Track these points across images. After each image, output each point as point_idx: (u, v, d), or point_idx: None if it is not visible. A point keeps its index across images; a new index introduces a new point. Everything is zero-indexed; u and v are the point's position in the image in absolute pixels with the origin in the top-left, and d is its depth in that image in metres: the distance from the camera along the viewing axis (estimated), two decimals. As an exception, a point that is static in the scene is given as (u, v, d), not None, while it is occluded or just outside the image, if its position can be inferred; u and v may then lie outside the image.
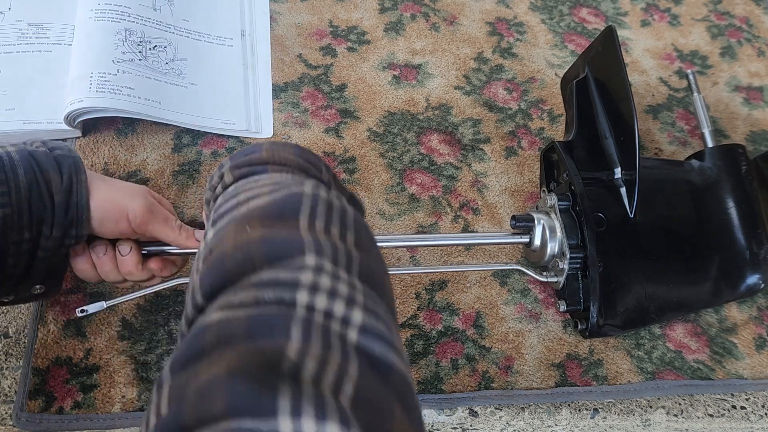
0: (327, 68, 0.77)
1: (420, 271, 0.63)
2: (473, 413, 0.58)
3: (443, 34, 0.83)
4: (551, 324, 0.63)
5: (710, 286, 0.62)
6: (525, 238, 0.61)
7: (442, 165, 0.72)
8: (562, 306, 0.61)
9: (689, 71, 0.78)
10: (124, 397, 0.55)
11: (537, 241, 0.60)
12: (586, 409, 0.59)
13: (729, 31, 0.90)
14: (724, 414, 0.61)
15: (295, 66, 0.76)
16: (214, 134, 0.70)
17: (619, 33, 0.86)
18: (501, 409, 0.58)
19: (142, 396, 0.55)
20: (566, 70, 0.70)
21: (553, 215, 0.60)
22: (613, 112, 0.63)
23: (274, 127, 0.71)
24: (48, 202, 0.46)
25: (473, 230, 0.68)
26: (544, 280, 0.62)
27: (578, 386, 0.60)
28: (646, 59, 0.85)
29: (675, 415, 0.60)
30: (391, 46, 0.80)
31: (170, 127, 0.69)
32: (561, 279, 0.60)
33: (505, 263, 0.66)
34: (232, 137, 0.70)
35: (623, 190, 0.61)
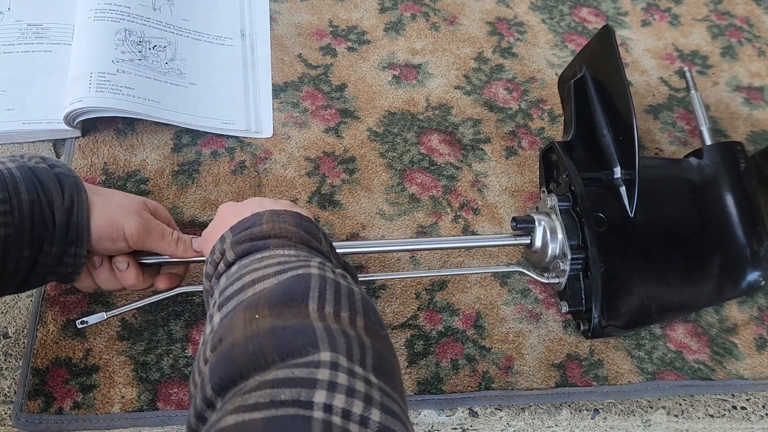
0: (327, 68, 0.77)
1: (421, 275, 0.63)
2: (473, 414, 0.58)
3: (443, 33, 0.82)
4: (551, 324, 0.63)
5: (711, 284, 0.62)
6: (526, 240, 0.61)
7: (442, 165, 0.71)
8: (563, 307, 0.61)
9: (686, 69, 0.78)
10: (123, 397, 0.54)
11: (538, 243, 0.60)
12: (587, 410, 0.59)
13: (729, 31, 0.90)
14: (725, 414, 0.61)
15: (295, 66, 0.76)
16: (213, 134, 0.70)
17: (619, 33, 0.86)
18: (501, 410, 0.58)
19: (142, 396, 0.55)
20: (563, 70, 0.70)
21: (553, 216, 0.60)
22: (612, 110, 0.62)
23: (273, 127, 0.71)
24: (49, 220, 0.46)
25: (473, 230, 0.68)
26: (546, 281, 0.62)
27: (579, 386, 0.60)
28: (647, 59, 0.85)
29: (675, 416, 0.60)
30: (391, 46, 0.80)
31: (170, 127, 0.69)
32: (562, 280, 0.60)
33: (506, 265, 0.66)
34: (232, 137, 0.70)
35: (623, 189, 0.61)
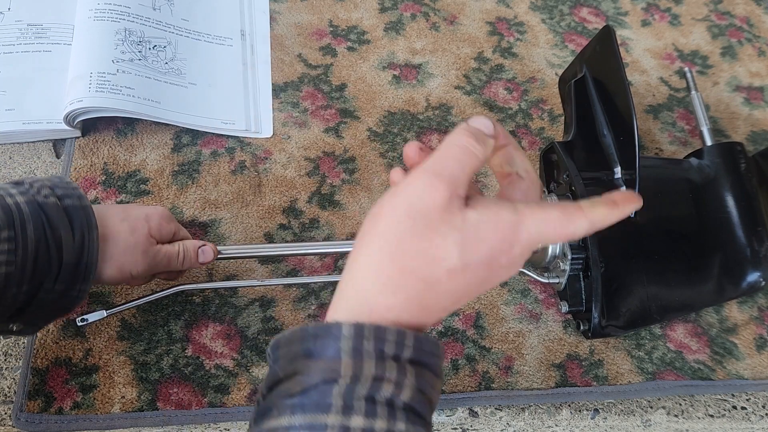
0: (327, 68, 0.77)
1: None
2: (473, 414, 0.58)
3: (443, 33, 0.82)
4: (551, 324, 0.63)
5: (711, 284, 0.62)
6: (525, 239, 0.61)
7: (443, 165, 0.71)
8: (564, 307, 0.61)
9: (686, 69, 0.78)
10: (123, 397, 0.54)
11: (538, 242, 0.60)
12: (587, 410, 0.59)
13: (729, 31, 0.90)
14: (725, 414, 0.61)
15: (294, 66, 0.76)
16: (213, 134, 0.70)
17: (619, 33, 0.86)
18: (501, 410, 0.58)
19: (142, 396, 0.55)
20: (563, 70, 0.70)
21: (553, 215, 0.60)
22: (612, 110, 0.62)
23: (273, 127, 0.71)
24: (55, 260, 0.46)
25: (473, 230, 0.67)
26: (546, 281, 0.62)
27: (578, 386, 0.60)
28: (647, 59, 0.85)
29: (675, 416, 0.60)
30: (391, 46, 0.80)
31: (170, 126, 0.69)
32: (562, 280, 0.60)
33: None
34: (232, 137, 0.70)
35: (623, 189, 0.61)
